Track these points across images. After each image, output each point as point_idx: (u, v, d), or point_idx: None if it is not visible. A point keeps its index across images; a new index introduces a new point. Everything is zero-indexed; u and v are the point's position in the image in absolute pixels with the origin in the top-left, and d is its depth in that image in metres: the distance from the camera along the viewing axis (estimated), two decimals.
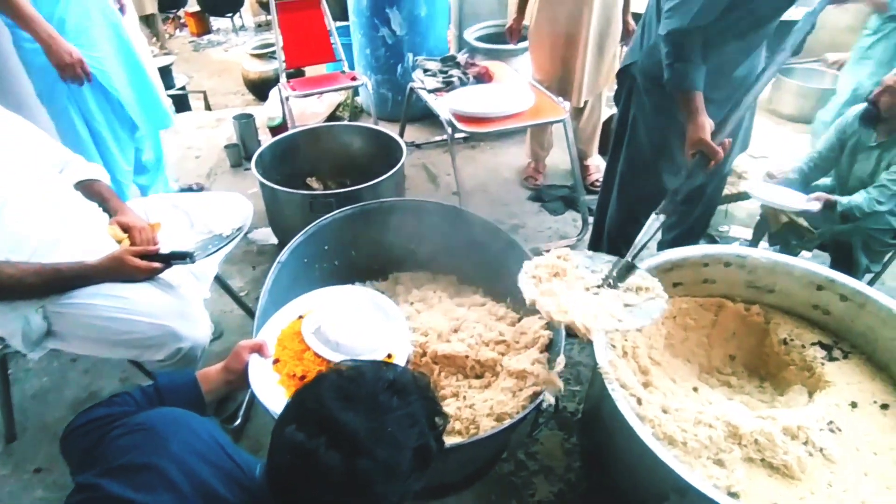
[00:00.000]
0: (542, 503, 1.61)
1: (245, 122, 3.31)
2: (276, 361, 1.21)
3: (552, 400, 1.40)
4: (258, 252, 2.69)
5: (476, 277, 2.12)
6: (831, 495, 1.27)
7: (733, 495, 1.24)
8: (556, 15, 2.59)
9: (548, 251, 1.60)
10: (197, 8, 6.45)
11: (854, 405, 1.48)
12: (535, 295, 1.41)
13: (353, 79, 3.11)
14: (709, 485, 1.14)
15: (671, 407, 1.43)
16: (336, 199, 2.24)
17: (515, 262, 1.85)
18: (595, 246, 2.29)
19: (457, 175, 2.49)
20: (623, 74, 1.94)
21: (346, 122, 3.50)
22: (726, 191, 2.65)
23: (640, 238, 1.49)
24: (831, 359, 1.62)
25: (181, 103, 4.22)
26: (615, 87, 2.07)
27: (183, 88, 4.41)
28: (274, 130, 3.44)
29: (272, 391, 1.14)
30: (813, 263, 1.68)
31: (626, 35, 2.75)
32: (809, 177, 2.48)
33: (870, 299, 1.55)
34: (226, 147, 3.37)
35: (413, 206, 2.12)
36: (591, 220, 2.70)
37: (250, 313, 2.16)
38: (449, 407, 1.56)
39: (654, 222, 1.51)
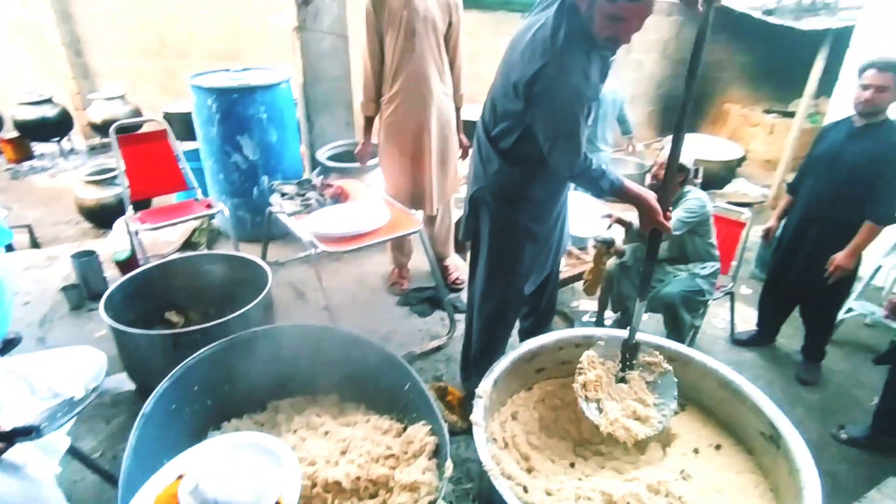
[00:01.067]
0: None
1: (86, 261, 3.08)
2: None
3: None
4: (112, 403, 2.43)
5: (357, 393, 2.13)
6: None
7: None
8: (401, 138, 2.90)
9: (421, 353, 1.72)
10: (15, 133, 5.89)
11: (697, 451, 1.73)
12: (604, 423, 1.73)
13: (209, 206, 3.09)
14: None
15: (553, 489, 1.55)
16: (202, 334, 2.16)
17: (393, 373, 1.93)
18: (467, 338, 2.42)
19: (325, 292, 2.54)
20: (471, 199, 2.11)
21: (204, 252, 3.41)
22: (567, 273, 3.04)
23: (634, 322, 1.80)
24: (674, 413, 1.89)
25: None
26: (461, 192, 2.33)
27: None
28: (122, 265, 3.23)
29: None
30: (645, 334, 1.98)
31: (461, 149, 3.13)
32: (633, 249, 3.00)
33: (691, 358, 1.87)
34: (63, 289, 3.08)
35: (285, 332, 2.11)
36: (457, 316, 2.89)
37: (110, 480, 1.92)
38: None
39: (640, 308, 1.80)
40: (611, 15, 1.55)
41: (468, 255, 3.47)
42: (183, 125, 4.11)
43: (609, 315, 3.23)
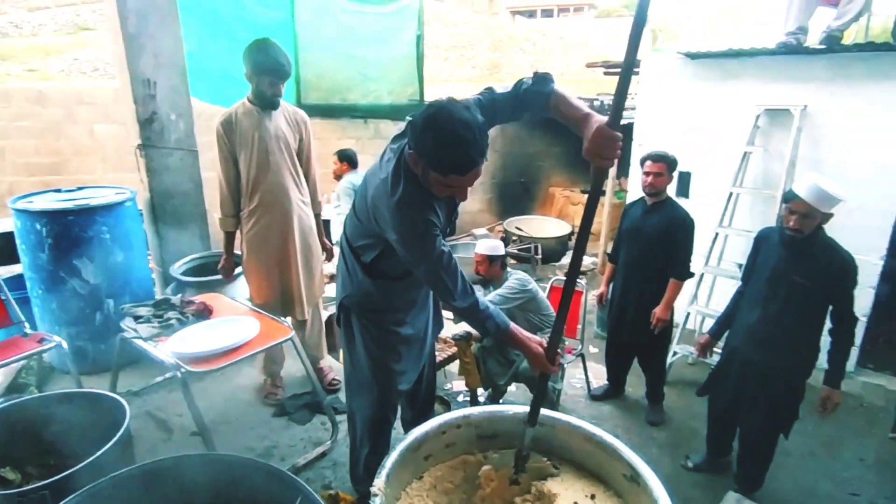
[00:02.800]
0: None
1: None
2: None
3: None
4: None
5: None
6: None
7: None
8: (266, 249, 2.95)
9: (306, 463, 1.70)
10: None
11: None
12: None
13: (41, 341, 2.75)
14: None
15: None
16: (50, 490, 1.88)
17: (281, 490, 1.86)
18: (352, 440, 2.40)
19: (196, 418, 2.37)
20: (341, 304, 2.16)
21: (38, 395, 2.97)
22: (438, 358, 3.22)
23: (526, 442, 1.91)
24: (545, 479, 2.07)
25: None
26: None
27: None
28: None
29: None
30: (516, 406, 2.17)
31: (324, 252, 3.24)
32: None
33: (556, 420, 2.08)
34: None
35: (155, 470, 1.93)
36: (338, 417, 2.86)
37: None
38: None
39: (530, 433, 1.91)
40: (445, 184, 1.64)
41: (339, 354, 3.50)
42: None
43: (481, 392, 3.44)
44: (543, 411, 2.13)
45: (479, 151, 1.59)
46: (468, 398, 3.44)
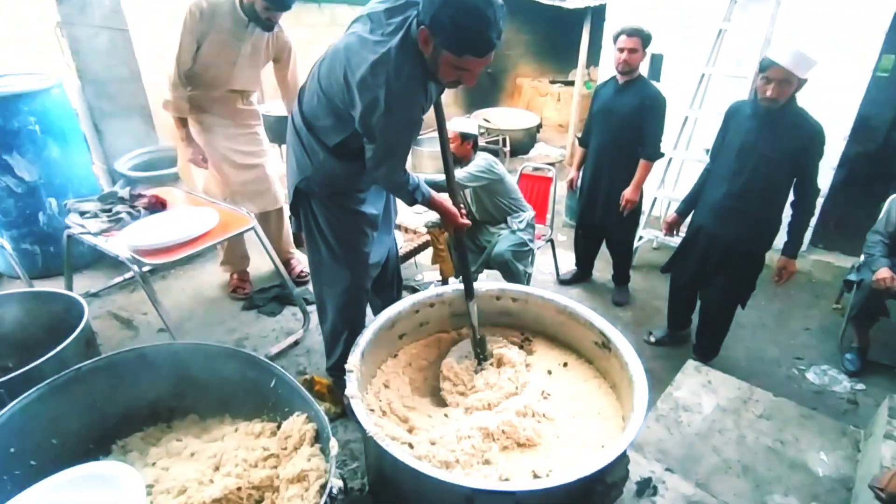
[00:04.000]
0: None
1: None
2: None
3: (340, 483, 1.44)
4: None
5: (218, 406, 1.98)
6: (562, 443, 1.66)
7: (505, 480, 1.51)
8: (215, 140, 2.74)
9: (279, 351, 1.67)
10: None
11: (550, 372, 1.97)
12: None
13: None
14: (488, 482, 1.36)
15: (436, 437, 1.65)
16: (6, 388, 1.81)
17: (254, 374, 1.85)
18: (332, 338, 2.38)
19: (160, 311, 2.30)
20: (297, 190, 2.04)
21: None
22: (407, 248, 3.18)
23: (474, 321, 1.96)
24: (521, 346, 2.12)
25: None
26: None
27: None
28: None
29: None
30: (489, 282, 2.17)
31: None
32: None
33: (530, 294, 2.10)
34: None
35: (120, 361, 1.88)
36: (309, 308, 2.83)
37: None
38: None
39: (472, 307, 1.93)
40: (456, 66, 1.58)
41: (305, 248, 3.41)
42: None
43: (452, 280, 3.45)
44: (517, 287, 2.14)
45: (497, 33, 1.52)
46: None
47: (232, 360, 1.90)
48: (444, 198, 2.03)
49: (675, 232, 2.97)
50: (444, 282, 3.42)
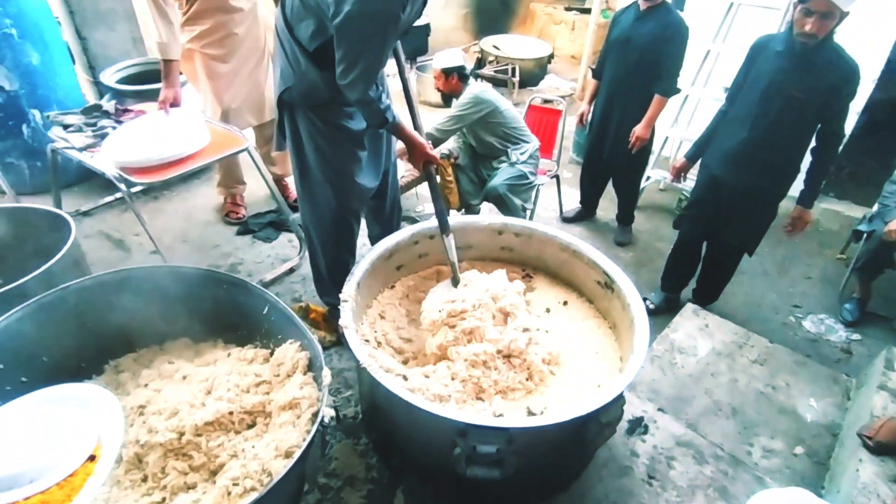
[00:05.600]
0: None
1: None
2: None
3: (332, 412, 1.43)
4: None
5: (211, 330, 1.96)
6: (558, 381, 1.65)
7: (499, 416, 1.50)
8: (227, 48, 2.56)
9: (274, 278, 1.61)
10: None
11: (548, 310, 1.93)
12: None
13: None
14: (481, 417, 1.35)
15: (430, 370, 1.62)
16: None
17: (247, 300, 1.81)
18: (316, 263, 2.32)
19: (149, 232, 2.23)
20: (281, 101, 1.93)
21: None
22: (407, 178, 3.07)
23: (452, 258, 1.85)
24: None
25: None
26: None
27: None
28: None
29: None
30: (492, 216, 2.09)
31: None
32: (461, 148, 3.16)
33: (533, 230, 2.03)
34: None
35: (109, 281, 1.83)
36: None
37: None
38: (232, 470, 1.44)
39: (449, 242, 1.84)
40: None
41: None
42: None
43: (454, 213, 3.37)
44: (520, 222, 2.07)
45: None
46: None
47: (224, 285, 1.86)
48: (412, 130, 1.93)
49: (682, 178, 2.84)
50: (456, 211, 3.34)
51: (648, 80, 2.96)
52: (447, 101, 3.03)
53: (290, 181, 3.17)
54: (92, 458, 1.07)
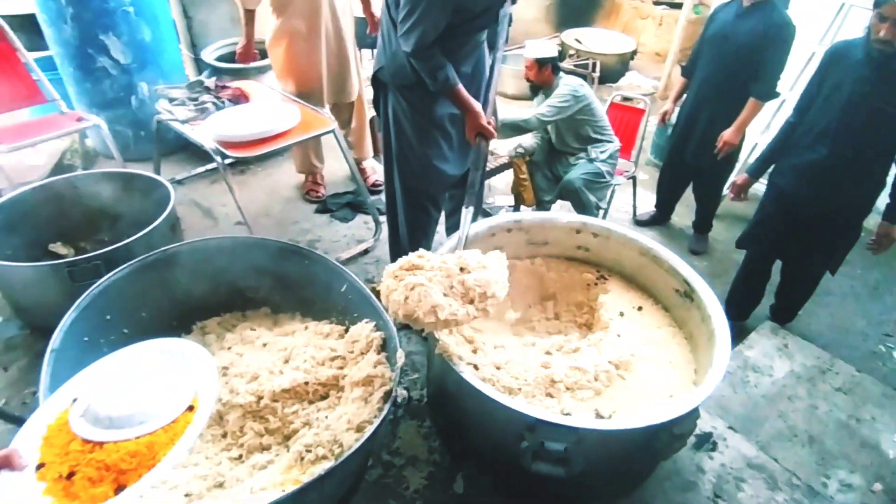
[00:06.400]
0: (418, 492, 1.69)
1: None
2: (40, 467, 1.02)
3: (405, 393, 1.47)
4: (5, 349, 2.17)
5: (290, 303, 2.06)
6: (627, 386, 1.62)
7: (566, 415, 1.49)
8: (311, 21, 2.63)
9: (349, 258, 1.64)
10: None
11: (622, 314, 1.89)
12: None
13: (80, 119, 2.67)
14: (551, 414, 1.35)
15: (501, 362, 1.64)
16: (103, 261, 1.94)
17: (327, 277, 1.88)
18: (394, 243, 2.39)
19: (239, 204, 2.36)
20: (376, 79, 2.03)
21: (89, 171, 2.97)
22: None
23: (462, 232, 1.73)
24: (596, 284, 2.04)
25: None
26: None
27: None
28: None
29: None
30: (571, 214, 2.07)
31: (373, 28, 2.94)
32: (540, 144, 3.13)
33: (612, 231, 1.99)
34: None
35: (202, 248, 1.95)
36: (381, 218, 2.83)
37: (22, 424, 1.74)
38: (306, 437, 1.52)
39: (467, 215, 1.75)
40: None
41: (380, 157, 3.35)
42: (23, 33, 3.43)
43: (525, 209, 3.34)
44: (599, 222, 2.03)
45: None
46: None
47: (305, 260, 1.94)
48: (471, 98, 1.86)
49: (742, 196, 2.66)
50: (517, 208, 3.33)
51: (744, 81, 2.80)
52: (535, 91, 3.01)
53: (367, 164, 3.26)
54: (191, 408, 1.15)
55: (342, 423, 1.52)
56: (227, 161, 2.28)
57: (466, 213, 1.77)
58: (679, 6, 5.77)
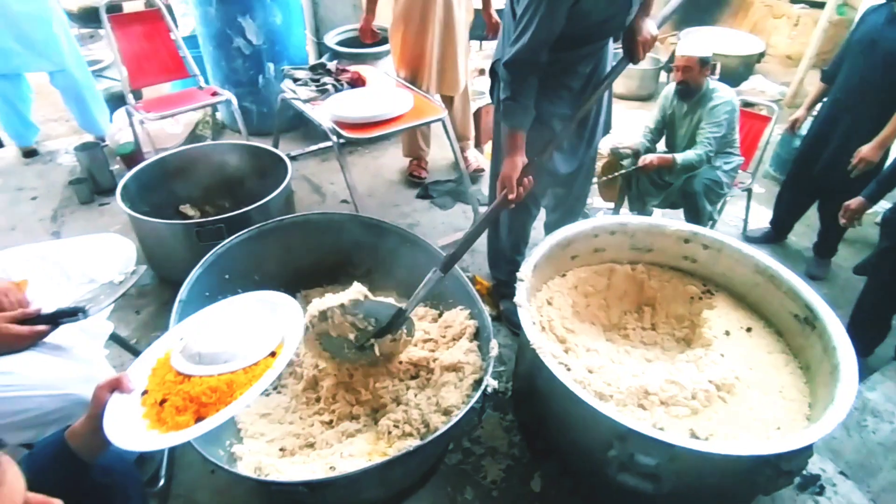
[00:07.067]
0: (495, 483, 1.70)
1: (92, 153, 2.94)
2: (145, 393, 1.13)
3: (495, 384, 1.48)
4: (138, 294, 2.43)
5: (387, 282, 2.13)
6: (728, 410, 1.52)
7: (659, 429, 1.43)
8: (425, 7, 2.68)
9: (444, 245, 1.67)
10: None
11: (728, 333, 1.78)
12: None
13: (215, 94, 2.92)
14: (645, 426, 1.30)
15: (594, 366, 1.60)
16: (226, 224, 2.12)
17: (426, 261, 1.92)
18: (493, 238, 2.38)
19: (348, 183, 2.47)
20: (492, 71, 1.99)
21: (218, 142, 3.25)
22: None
23: (421, 293, 1.62)
24: (700, 298, 1.93)
25: None
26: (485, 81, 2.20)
27: None
28: (126, 158, 3.10)
29: (131, 428, 1.04)
30: (680, 222, 1.97)
31: (490, 29, 2.93)
32: (650, 147, 2.93)
33: (725, 244, 1.87)
34: (71, 182, 2.97)
35: (313, 221, 2.07)
36: (481, 209, 2.85)
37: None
38: (395, 413, 1.58)
39: (433, 276, 1.62)
40: None
41: (483, 148, 3.36)
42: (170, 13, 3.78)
43: (625, 212, 3.22)
44: (711, 233, 1.92)
45: None
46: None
47: (407, 242, 2.00)
48: (517, 149, 1.69)
49: (856, 222, 2.37)
50: (616, 210, 3.21)
51: (888, 93, 2.51)
52: (686, 96, 2.70)
53: (470, 154, 3.28)
54: (273, 354, 1.23)
55: (430, 405, 1.56)
56: (341, 141, 2.39)
57: (431, 274, 1.63)
58: (820, 5, 5.24)
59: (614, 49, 1.95)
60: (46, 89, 3.35)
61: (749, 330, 1.80)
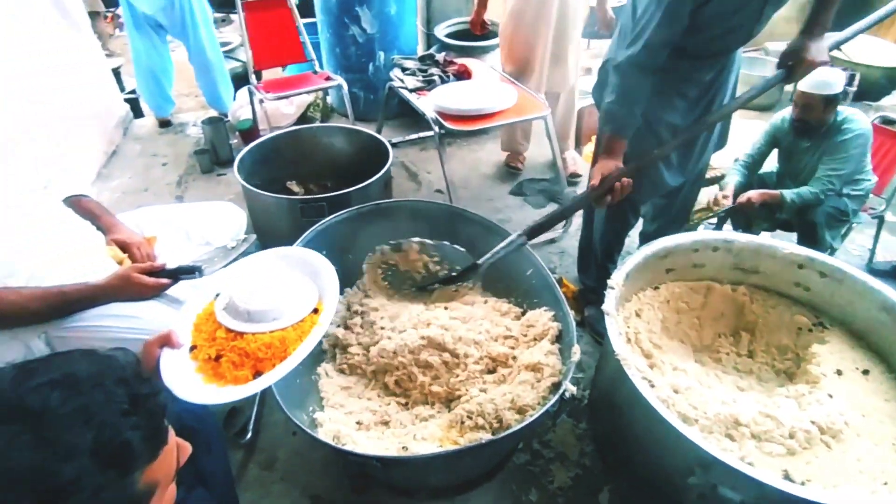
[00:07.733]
0: (561, 489, 1.67)
1: (216, 127, 3.22)
2: (193, 349, 1.19)
3: (573, 389, 1.46)
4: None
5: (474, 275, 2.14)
6: (832, 457, 1.39)
7: (749, 464, 1.34)
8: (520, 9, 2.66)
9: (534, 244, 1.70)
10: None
11: (839, 373, 1.62)
12: None
13: (328, 79, 3.07)
14: (732, 458, 1.22)
15: (681, 386, 1.52)
16: (328, 203, 2.23)
17: (514, 258, 1.92)
18: (585, 246, 2.33)
19: (445, 173, 2.51)
20: (604, 70, 1.93)
21: (326, 124, 3.43)
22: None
23: (498, 250, 1.70)
24: (811, 330, 1.76)
25: (135, 109, 4.03)
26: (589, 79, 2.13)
27: (134, 92, 4.20)
28: (244, 133, 3.36)
29: (188, 382, 1.09)
30: (794, 245, 1.81)
31: (604, 25, 2.85)
32: (749, 174, 2.69)
33: (847, 275, 1.69)
34: (195, 153, 3.27)
35: (409, 207, 2.12)
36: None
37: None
38: (469, 404, 1.59)
39: (516, 238, 1.71)
40: None
41: (583, 148, 3.27)
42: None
43: (727, 229, 3.00)
44: (831, 261, 1.75)
45: None
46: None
47: (500, 238, 1.99)
48: (614, 157, 1.67)
49: None
50: (718, 226, 3.00)
51: None
52: (804, 134, 2.39)
53: (569, 155, 3.21)
54: (316, 311, 1.28)
55: (505, 401, 1.56)
56: (442, 132, 2.43)
57: (514, 237, 1.71)
58: None
59: (745, 54, 1.82)
60: (182, 66, 3.70)
61: (866, 372, 1.63)
